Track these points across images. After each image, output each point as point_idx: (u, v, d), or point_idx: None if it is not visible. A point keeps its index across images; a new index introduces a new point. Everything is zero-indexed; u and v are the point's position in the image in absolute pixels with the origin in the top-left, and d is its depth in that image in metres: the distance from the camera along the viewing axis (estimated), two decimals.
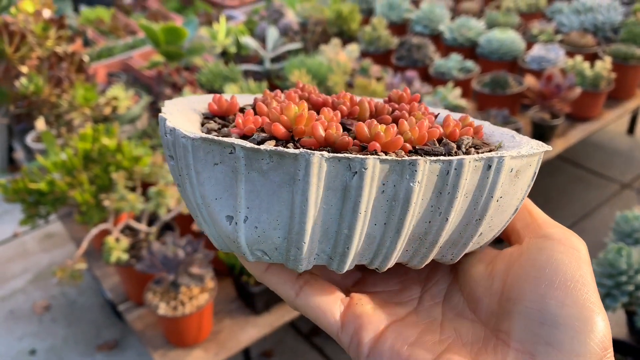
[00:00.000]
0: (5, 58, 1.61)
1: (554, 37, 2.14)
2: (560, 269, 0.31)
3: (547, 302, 0.30)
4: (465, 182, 0.30)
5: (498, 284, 0.33)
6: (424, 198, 0.30)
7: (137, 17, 3.30)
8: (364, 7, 2.57)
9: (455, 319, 0.34)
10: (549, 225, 0.34)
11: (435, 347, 0.32)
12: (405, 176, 0.29)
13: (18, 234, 2.28)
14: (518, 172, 0.32)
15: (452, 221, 0.31)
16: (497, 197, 0.31)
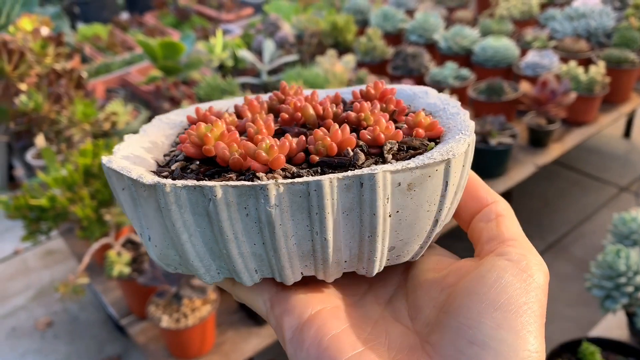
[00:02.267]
0: (4, 76, 1.63)
1: (547, 43, 2.17)
2: (506, 291, 0.30)
3: (483, 321, 0.29)
4: (332, 201, 0.29)
5: (443, 295, 0.32)
6: (293, 218, 0.29)
7: (134, 33, 3.32)
8: (359, 18, 2.59)
9: (391, 322, 0.33)
10: (512, 243, 0.32)
11: (357, 343, 0.30)
12: (260, 200, 0.28)
13: (19, 251, 2.28)
14: (411, 185, 0.30)
15: (334, 239, 0.31)
16: (384, 213, 0.30)
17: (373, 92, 0.40)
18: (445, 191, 0.31)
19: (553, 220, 2.17)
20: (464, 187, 0.35)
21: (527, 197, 2.30)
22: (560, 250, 2.03)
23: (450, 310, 0.30)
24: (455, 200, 0.34)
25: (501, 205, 0.36)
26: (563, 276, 1.92)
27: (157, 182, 0.29)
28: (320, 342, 0.30)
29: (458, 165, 0.31)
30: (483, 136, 1.67)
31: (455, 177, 0.32)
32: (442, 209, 0.32)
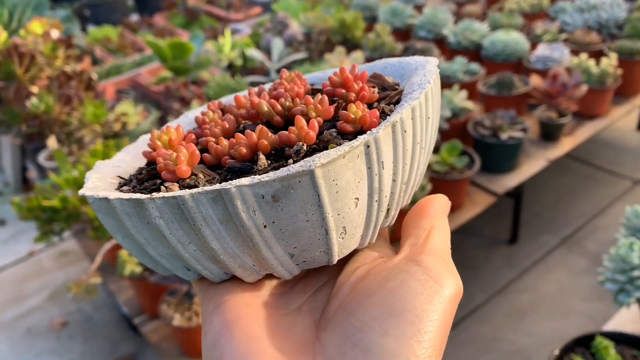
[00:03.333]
0: (16, 79, 1.65)
1: (558, 36, 2.15)
2: (406, 297, 0.29)
3: (373, 326, 0.28)
4: (202, 214, 0.29)
5: (348, 291, 0.32)
6: (182, 227, 0.30)
7: (144, 34, 3.34)
8: (367, 14, 2.59)
9: (303, 314, 0.33)
10: (432, 253, 0.32)
11: (255, 331, 0.30)
12: (146, 212, 0.30)
13: (34, 252, 2.30)
14: (276, 198, 0.29)
15: (222, 247, 0.31)
16: (256, 225, 0.30)
17: (337, 80, 0.39)
18: (320, 201, 0.29)
19: (566, 215, 2.15)
20: (391, 183, 0.33)
21: (540, 192, 2.28)
22: (573, 244, 2.02)
23: (347, 309, 0.30)
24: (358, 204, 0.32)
25: (440, 222, 0.36)
26: (577, 270, 1.90)
27: (93, 195, 0.31)
28: (222, 327, 0.31)
29: (340, 170, 0.30)
30: (494, 130, 1.66)
31: (339, 182, 0.30)
32: (328, 217, 0.30)
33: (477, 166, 1.56)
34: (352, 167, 0.30)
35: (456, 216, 1.57)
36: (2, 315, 2.02)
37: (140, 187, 0.35)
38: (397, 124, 0.31)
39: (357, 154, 0.30)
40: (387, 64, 0.43)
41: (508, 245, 2.04)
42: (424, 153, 0.36)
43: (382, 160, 0.31)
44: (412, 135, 0.33)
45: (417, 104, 0.33)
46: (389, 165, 0.32)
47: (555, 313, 1.77)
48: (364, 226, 0.33)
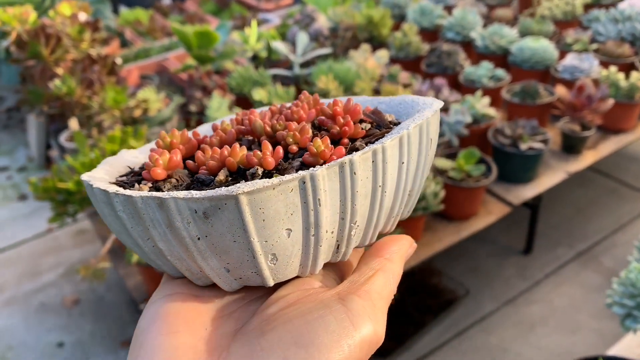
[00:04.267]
0: (41, 60, 1.67)
1: (589, 46, 2.10)
2: (316, 331, 0.30)
3: (275, 350, 0.29)
4: (149, 216, 0.32)
5: (273, 310, 0.33)
6: (140, 224, 0.33)
7: (174, 19, 3.36)
8: (396, 12, 2.56)
9: (231, 320, 0.34)
10: (364, 295, 0.33)
11: (174, 330, 0.32)
12: (113, 205, 0.33)
13: (52, 228, 2.35)
14: (207, 214, 0.31)
15: (169, 250, 0.33)
16: (190, 236, 0.31)
17: (328, 112, 0.40)
18: (245, 226, 0.31)
19: (584, 229, 2.11)
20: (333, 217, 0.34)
21: (559, 203, 2.24)
22: (589, 259, 1.98)
23: (262, 329, 0.31)
24: (289, 236, 0.33)
25: (392, 266, 0.36)
26: (590, 287, 1.87)
27: (111, 191, 0.33)
28: (153, 317, 0.33)
29: (268, 200, 0.31)
30: (514, 140, 1.64)
31: (266, 212, 0.31)
32: (254, 242, 0.32)
33: (493, 175, 1.54)
34: (284, 199, 0.31)
35: (469, 225, 1.56)
36: (18, 289, 2.07)
37: (127, 181, 0.39)
38: (346, 166, 0.32)
39: (291, 188, 0.31)
40: (402, 100, 0.45)
41: (522, 256, 2.02)
42: (394, 197, 0.37)
43: (319, 198, 0.32)
44: (370, 178, 0.34)
45: (380, 148, 0.33)
46: (334, 203, 0.33)
47: (565, 328, 1.74)
48: (301, 257, 0.34)
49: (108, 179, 0.39)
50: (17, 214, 2.46)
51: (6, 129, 3.15)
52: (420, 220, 1.47)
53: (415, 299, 1.79)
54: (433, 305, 1.80)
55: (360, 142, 0.37)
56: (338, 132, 0.37)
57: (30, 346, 1.84)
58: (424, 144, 0.37)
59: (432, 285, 1.86)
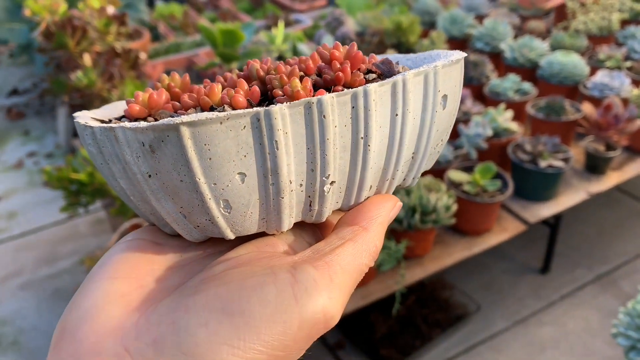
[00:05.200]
0: (67, 50, 1.70)
1: (622, 63, 2.04)
2: (249, 301, 0.26)
3: (199, 312, 0.26)
4: (106, 149, 0.30)
5: (220, 269, 0.29)
6: (103, 161, 0.32)
7: (208, 15, 3.39)
8: (427, 19, 2.53)
9: (180, 272, 0.31)
10: (321, 266, 0.29)
11: (126, 271, 0.30)
12: (84, 139, 0.32)
13: (72, 216, 2.39)
14: (153, 148, 0.28)
15: (130, 188, 0.31)
16: (141, 172, 0.30)
17: (325, 54, 0.36)
18: (189, 163, 0.28)
19: (605, 251, 2.05)
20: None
21: (581, 223, 2.18)
22: (608, 283, 1.92)
23: (197, 288, 0.28)
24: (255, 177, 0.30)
25: (366, 237, 0.32)
26: (607, 311, 1.81)
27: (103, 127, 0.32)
28: (103, 260, 0.31)
29: (215, 136, 0.28)
30: (533, 156, 1.60)
31: (213, 149, 0.28)
32: (200, 183, 0.29)
33: (509, 191, 1.51)
34: (235, 137, 0.28)
35: (482, 240, 1.53)
36: (35, 274, 2.11)
37: (109, 120, 0.37)
38: (313, 106, 0.28)
39: (243, 125, 0.28)
40: (428, 56, 0.39)
41: (538, 275, 1.97)
42: (386, 155, 0.32)
43: (276, 140, 0.28)
44: (349, 127, 0.30)
45: (361, 91, 0.29)
46: (299, 150, 0.29)
47: (577, 353, 1.69)
48: (260, 208, 0.31)
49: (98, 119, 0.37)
50: (40, 200, 2.51)
51: (38, 115, 3.22)
52: (430, 233, 1.44)
53: (424, 312, 1.76)
54: (442, 319, 1.77)
55: None
56: (331, 78, 0.33)
57: (42, 331, 1.87)
58: (431, 98, 0.32)
59: (442, 299, 1.83)
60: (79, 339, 0.27)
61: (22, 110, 3.27)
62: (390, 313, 1.64)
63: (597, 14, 2.32)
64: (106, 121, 0.36)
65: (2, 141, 2.97)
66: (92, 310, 0.28)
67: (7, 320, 1.91)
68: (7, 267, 2.14)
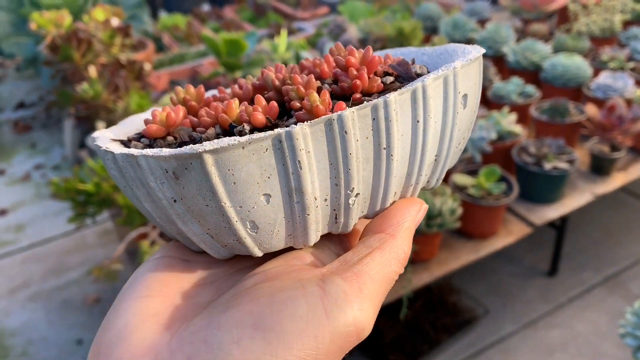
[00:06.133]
0: (73, 63, 1.72)
1: (625, 64, 2.04)
2: (280, 316, 0.26)
3: (231, 329, 0.26)
4: (129, 175, 0.30)
5: (250, 284, 0.30)
6: (126, 184, 0.32)
7: (211, 25, 3.41)
8: (429, 24, 2.54)
9: (209, 289, 0.32)
10: (351, 278, 0.29)
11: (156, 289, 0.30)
12: (105, 163, 0.32)
13: (80, 227, 2.40)
14: (177, 175, 0.28)
15: (155, 211, 0.32)
16: (166, 197, 0.30)
17: (341, 61, 0.35)
18: (214, 188, 0.28)
19: (613, 253, 2.04)
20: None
21: (588, 225, 2.18)
22: (616, 285, 1.92)
23: (228, 304, 0.28)
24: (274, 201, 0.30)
25: (393, 244, 0.31)
26: (616, 313, 1.80)
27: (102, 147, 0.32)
28: (134, 278, 0.32)
29: (238, 161, 0.28)
30: (538, 159, 1.60)
31: (237, 174, 0.28)
32: (226, 207, 0.29)
33: (514, 194, 1.51)
34: (257, 160, 0.28)
35: (488, 244, 1.53)
36: (43, 285, 2.12)
37: (129, 139, 0.37)
38: (334, 123, 0.28)
39: (265, 147, 0.28)
40: (444, 50, 0.39)
41: (546, 278, 1.96)
42: (408, 162, 0.32)
43: (299, 160, 0.28)
44: (371, 139, 0.30)
45: (381, 103, 0.29)
46: (322, 166, 0.29)
47: (586, 356, 1.68)
48: (286, 225, 0.31)
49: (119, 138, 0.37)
50: (48, 212, 2.53)
51: (45, 128, 3.25)
52: (436, 237, 1.44)
53: (431, 317, 1.76)
54: (450, 323, 1.76)
55: (375, 97, 0.32)
56: (349, 86, 0.33)
57: (51, 342, 1.88)
58: (451, 100, 0.32)
59: (450, 303, 1.83)
60: (114, 359, 0.27)
61: (28, 123, 3.30)
62: (397, 318, 1.64)
63: (599, 16, 2.33)
64: (126, 141, 0.36)
65: (10, 154, 3.00)
66: (125, 330, 0.28)
67: (16, 332, 1.92)
68: (15, 278, 2.15)
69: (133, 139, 0.36)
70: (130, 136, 0.37)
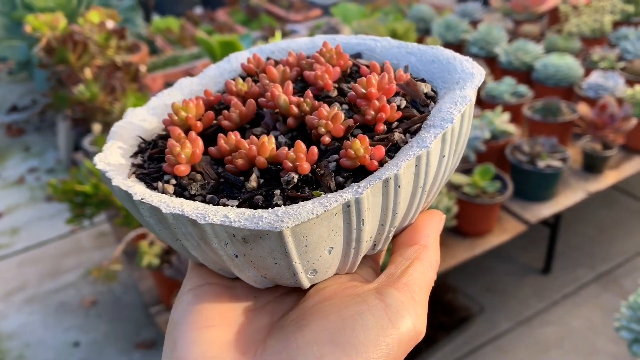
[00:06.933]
0: (68, 65, 1.72)
1: (615, 64, 2.06)
2: (354, 330, 0.29)
3: (312, 348, 0.28)
4: (179, 230, 0.31)
5: (310, 304, 0.32)
6: (168, 231, 0.32)
7: (204, 28, 3.42)
8: (422, 26, 2.56)
9: (265, 313, 0.33)
10: (402, 288, 0.32)
11: (207, 322, 0.31)
12: (138, 208, 0.33)
13: (75, 230, 2.40)
14: (246, 239, 0.30)
15: (202, 256, 0.33)
16: (227, 254, 0.31)
17: (361, 91, 0.36)
18: (287, 252, 0.30)
19: (606, 250, 2.07)
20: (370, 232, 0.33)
21: (581, 223, 2.20)
22: (610, 281, 1.94)
23: (298, 324, 0.30)
24: (334, 253, 0.32)
25: (427, 252, 0.35)
26: (609, 309, 1.83)
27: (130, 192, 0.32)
28: (186, 310, 0.32)
29: (312, 228, 0.30)
30: (532, 157, 1.62)
31: (310, 238, 0.30)
32: (296, 264, 0.31)
33: (509, 192, 1.53)
34: (327, 224, 0.30)
35: (483, 241, 1.54)
36: (39, 288, 2.11)
37: (145, 169, 0.37)
38: (390, 181, 0.31)
39: (335, 213, 0.30)
40: (436, 58, 0.41)
41: (540, 275, 1.98)
42: (433, 189, 0.36)
43: (363, 218, 0.31)
44: (412, 182, 0.32)
45: (424, 154, 0.32)
46: (375, 214, 0.32)
47: (581, 351, 1.70)
48: (339, 264, 0.34)
49: (124, 163, 0.38)
50: (43, 215, 2.52)
51: (38, 132, 3.24)
52: None
53: (427, 315, 1.77)
54: (446, 321, 1.78)
55: (398, 133, 0.35)
56: (373, 117, 0.35)
57: (48, 345, 1.88)
58: (465, 127, 0.35)
59: (446, 302, 1.84)
60: None
61: (22, 126, 3.29)
62: None
63: (589, 17, 2.35)
64: (146, 177, 0.36)
65: (3, 158, 2.99)
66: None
67: (12, 335, 1.91)
68: (11, 282, 2.15)
69: (152, 173, 0.37)
70: (139, 161, 0.38)
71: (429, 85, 0.39)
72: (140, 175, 0.37)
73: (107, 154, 0.37)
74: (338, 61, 0.41)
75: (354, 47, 0.46)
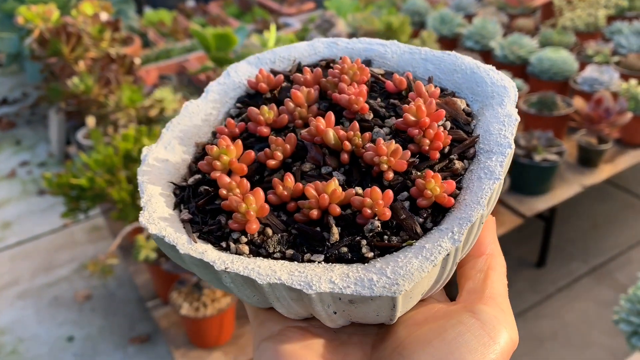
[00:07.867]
0: (62, 57, 1.70)
1: (609, 58, 2.07)
2: (460, 352, 0.30)
3: None
4: (273, 295, 0.31)
5: (404, 333, 0.32)
6: (253, 293, 0.33)
7: (197, 21, 3.39)
8: (416, 19, 2.56)
9: (354, 345, 0.34)
10: (489, 302, 0.33)
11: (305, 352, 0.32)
12: (216, 275, 0.33)
13: (68, 224, 2.38)
14: (353, 301, 0.30)
15: (288, 311, 0.33)
16: (329, 312, 0.31)
17: (412, 120, 0.36)
18: (394, 307, 0.30)
19: (600, 243, 2.08)
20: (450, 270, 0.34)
21: (575, 217, 2.21)
22: (603, 275, 1.95)
23: (403, 354, 0.31)
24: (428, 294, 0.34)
25: (496, 260, 0.36)
26: (603, 302, 1.84)
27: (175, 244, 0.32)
28: (274, 357, 0.32)
29: (418, 284, 0.31)
30: (528, 151, 1.62)
31: (414, 291, 0.31)
32: (398, 313, 0.31)
33: (505, 185, 1.53)
34: (429, 276, 0.31)
35: None
36: (32, 282, 2.10)
37: (200, 225, 0.35)
38: (476, 223, 0.32)
39: (435, 264, 0.31)
40: (457, 67, 0.41)
41: (534, 269, 1.99)
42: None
43: (457, 261, 0.33)
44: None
45: (498, 186, 0.33)
46: (460, 255, 0.33)
47: (575, 344, 1.71)
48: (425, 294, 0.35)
49: (169, 217, 0.35)
50: (35, 209, 2.50)
51: (29, 125, 3.21)
52: None
53: None
54: None
55: (458, 161, 0.35)
56: (429, 146, 0.35)
57: (41, 339, 1.86)
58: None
59: None
60: None
61: (12, 120, 3.25)
62: None
63: (583, 11, 2.36)
64: (218, 243, 0.34)
65: None
66: None
67: (5, 330, 1.90)
68: (3, 276, 2.13)
69: (212, 229, 0.34)
70: (186, 214, 0.36)
71: (464, 100, 0.39)
72: (204, 235, 0.34)
73: (151, 212, 0.34)
74: (361, 77, 0.40)
75: (361, 52, 0.45)
